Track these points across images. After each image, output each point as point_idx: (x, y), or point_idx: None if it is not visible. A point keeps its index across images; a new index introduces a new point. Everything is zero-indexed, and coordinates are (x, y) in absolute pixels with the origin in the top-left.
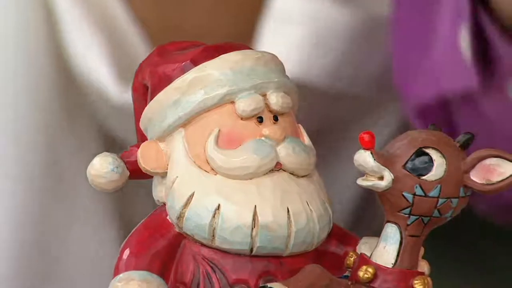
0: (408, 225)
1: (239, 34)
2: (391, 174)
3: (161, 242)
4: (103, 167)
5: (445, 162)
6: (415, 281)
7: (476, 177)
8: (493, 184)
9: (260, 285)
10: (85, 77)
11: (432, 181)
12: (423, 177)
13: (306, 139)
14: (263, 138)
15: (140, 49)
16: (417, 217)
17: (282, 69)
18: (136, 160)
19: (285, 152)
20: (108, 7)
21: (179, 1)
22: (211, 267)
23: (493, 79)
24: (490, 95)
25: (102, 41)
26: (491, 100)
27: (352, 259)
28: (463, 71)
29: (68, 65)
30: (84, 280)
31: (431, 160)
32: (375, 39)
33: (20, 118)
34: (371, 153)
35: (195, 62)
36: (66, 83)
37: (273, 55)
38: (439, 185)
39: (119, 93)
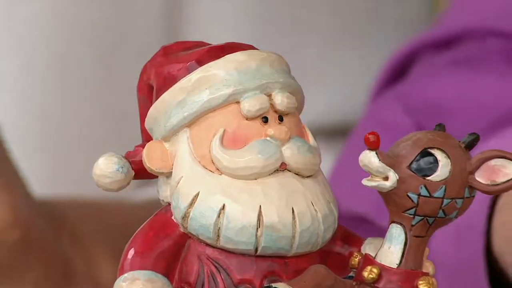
0: (413, 225)
1: None
2: (396, 175)
3: (166, 242)
4: (108, 167)
5: (450, 163)
6: (420, 282)
7: (481, 177)
8: (498, 185)
9: (265, 285)
10: None
11: (437, 181)
12: (428, 178)
13: (311, 139)
14: (268, 138)
15: None
16: (422, 217)
17: (288, 70)
18: (141, 160)
19: (290, 152)
20: None
21: None
22: (216, 267)
23: None
24: None
25: None
26: None
27: (356, 259)
28: None
29: None
30: None
31: (436, 161)
32: None
33: None
34: (376, 153)
35: (200, 62)
36: None
37: (279, 55)
38: (444, 186)
39: None
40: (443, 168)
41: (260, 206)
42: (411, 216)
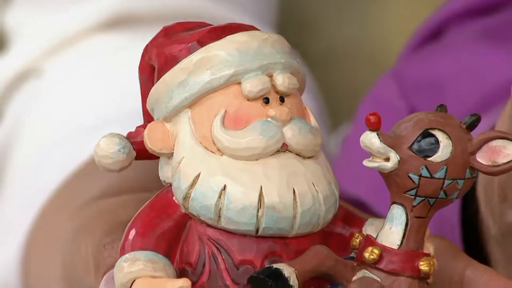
0: (414, 206)
1: None
2: (397, 155)
3: (167, 223)
4: (109, 147)
5: (451, 144)
6: (421, 262)
7: (482, 158)
8: (499, 165)
9: (266, 266)
10: None
11: (438, 162)
12: (429, 159)
13: (313, 120)
14: (269, 119)
15: None
16: (423, 198)
17: (289, 50)
18: (143, 141)
19: (292, 133)
20: None
21: None
22: (217, 248)
23: None
24: None
25: None
26: None
27: (358, 240)
28: None
29: None
30: None
31: (437, 142)
32: None
33: None
34: (378, 134)
35: (202, 43)
36: None
37: (280, 36)
38: (445, 167)
39: None
40: (444, 149)
41: (261, 186)
42: (412, 197)
